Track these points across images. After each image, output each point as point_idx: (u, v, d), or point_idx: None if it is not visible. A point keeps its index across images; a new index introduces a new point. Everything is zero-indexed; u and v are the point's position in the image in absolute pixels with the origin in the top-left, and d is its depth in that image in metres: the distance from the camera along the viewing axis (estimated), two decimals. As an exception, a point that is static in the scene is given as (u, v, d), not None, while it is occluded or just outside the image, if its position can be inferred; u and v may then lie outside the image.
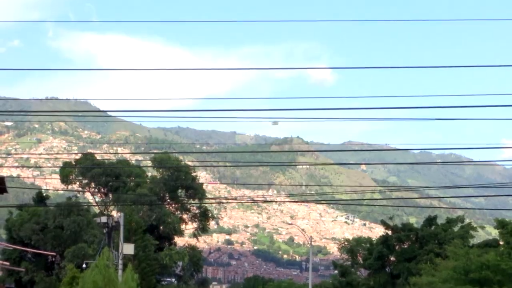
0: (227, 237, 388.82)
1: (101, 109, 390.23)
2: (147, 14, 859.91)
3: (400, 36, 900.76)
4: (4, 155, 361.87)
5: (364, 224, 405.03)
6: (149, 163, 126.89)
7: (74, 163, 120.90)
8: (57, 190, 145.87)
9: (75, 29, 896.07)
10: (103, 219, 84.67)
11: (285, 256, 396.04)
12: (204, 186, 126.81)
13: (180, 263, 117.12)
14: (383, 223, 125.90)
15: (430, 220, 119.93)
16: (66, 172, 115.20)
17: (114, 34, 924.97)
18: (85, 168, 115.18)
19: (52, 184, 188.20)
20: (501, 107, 42.43)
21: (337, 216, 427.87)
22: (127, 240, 79.29)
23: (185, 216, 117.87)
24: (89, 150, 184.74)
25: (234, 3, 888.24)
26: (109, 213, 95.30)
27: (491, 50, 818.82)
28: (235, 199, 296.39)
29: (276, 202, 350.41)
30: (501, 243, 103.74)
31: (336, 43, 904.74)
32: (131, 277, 54.48)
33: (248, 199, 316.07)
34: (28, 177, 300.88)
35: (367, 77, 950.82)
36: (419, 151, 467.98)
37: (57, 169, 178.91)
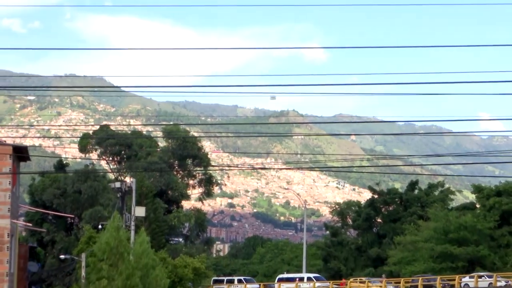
0: (229, 200, 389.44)
1: (115, 84, 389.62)
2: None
3: (387, 17, 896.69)
4: (27, 127, 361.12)
5: (354, 189, 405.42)
6: (159, 134, 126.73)
7: (91, 134, 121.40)
8: (76, 158, 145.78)
9: (90, 12, 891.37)
10: (117, 184, 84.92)
11: (282, 218, 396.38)
12: (208, 155, 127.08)
13: (187, 224, 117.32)
14: (371, 188, 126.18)
15: (413, 185, 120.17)
16: (84, 142, 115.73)
17: (126, 16, 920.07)
18: (101, 139, 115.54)
19: (70, 153, 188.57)
20: (478, 83, 42.67)
21: (329, 182, 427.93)
22: (138, 203, 79.37)
23: (191, 182, 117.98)
24: (104, 122, 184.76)
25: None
26: (122, 179, 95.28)
27: (483, 32, 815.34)
28: (237, 167, 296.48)
29: (273, 169, 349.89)
30: (477, 206, 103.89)
31: (327, 25, 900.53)
32: (143, 238, 54.42)
33: (248, 166, 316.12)
34: (49, 147, 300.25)
35: (356, 55, 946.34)
36: (403, 123, 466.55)
37: (76, 140, 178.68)
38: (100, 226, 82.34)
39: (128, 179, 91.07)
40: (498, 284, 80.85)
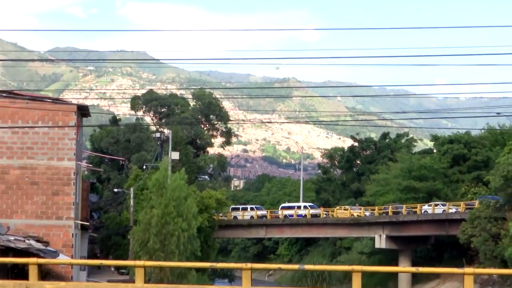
0: (244, 147, 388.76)
1: (155, 57, 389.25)
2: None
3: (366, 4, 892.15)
4: (88, 90, 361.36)
5: (339, 138, 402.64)
6: (189, 96, 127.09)
7: (139, 96, 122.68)
8: (126, 115, 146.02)
9: (136, 0, 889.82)
10: (158, 135, 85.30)
11: (284, 160, 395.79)
12: (227, 112, 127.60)
13: (211, 166, 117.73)
14: (352, 137, 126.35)
15: (385, 135, 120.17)
16: (134, 102, 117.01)
17: (161, 3, 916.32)
18: (146, 100, 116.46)
19: (122, 110, 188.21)
20: (436, 56, 43.02)
21: (320, 133, 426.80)
22: (174, 149, 79.45)
23: (214, 133, 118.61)
24: (147, 87, 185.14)
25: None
26: (162, 131, 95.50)
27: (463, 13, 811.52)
28: (249, 121, 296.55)
29: (278, 123, 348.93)
30: (434, 151, 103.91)
31: (319, 11, 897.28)
32: (180, 175, 54.69)
33: (258, 121, 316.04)
34: (104, 106, 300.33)
35: (341, 35, 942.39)
36: (378, 87, 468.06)
37: (125, 100, 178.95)
38: (144, 167, 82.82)
39: (166, 131, 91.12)
40: (450, 211, 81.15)
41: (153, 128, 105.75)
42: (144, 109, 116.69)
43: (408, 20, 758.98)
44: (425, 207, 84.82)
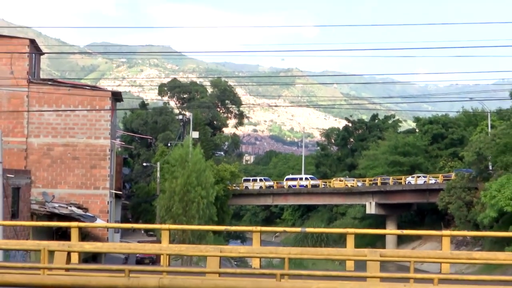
0: (254, 127, 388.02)
1: (178, 50, 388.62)
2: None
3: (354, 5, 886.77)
4: (120, 79, 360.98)
5: (335, 120, 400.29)
6: (208, 83, 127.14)
7: (165, 84, 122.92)
8: (153, 100, 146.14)
9: (160, 1, 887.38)
10: (180, 117, 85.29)
11: (288, 139, 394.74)
12: (240, 97, 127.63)
13: (226, 143, 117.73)
14: (346, 119, 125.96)
15: (374, 117, 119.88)
16: (160, 89, 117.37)
17: (182, 3, 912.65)
18: (171, 87, 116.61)
19: (149, 96, 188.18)
20: (418, 49, 42.64)
21: (319, 115, 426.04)
22: (194, 129, 79.41)
23: (229, 115, 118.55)
24: (171, 76, 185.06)
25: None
26: (184, 113, 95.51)
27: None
28: (258, 105, 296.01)
29: (283, 106, 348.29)
30: (417, 131, 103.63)
31: (316, 11, 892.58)
32: (199, 151, 54.68)
33: (266, 105, 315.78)
34: (135, 92, 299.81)
35: (336, 31, 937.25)
36: (368, 75, 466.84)
37: (153, 87, 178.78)
38: (169, 144, 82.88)
39: (187, 114, 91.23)
40: (430, 182, 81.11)
41: (176, 111, 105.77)
42: (168, 95, 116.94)
43: (395, 17, 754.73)
44: (409, 178, 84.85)
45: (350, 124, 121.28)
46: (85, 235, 44.00)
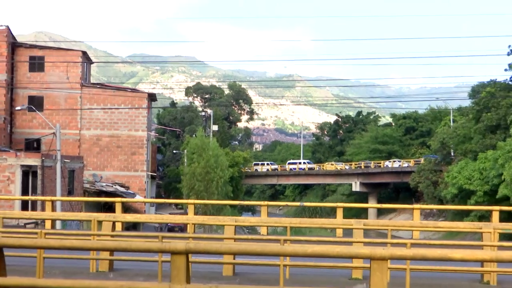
0: (262, 122, 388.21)
1: (201, 60, 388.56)
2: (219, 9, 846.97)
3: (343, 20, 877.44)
4: (155, 83, 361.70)
5: (328, 116, 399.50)
6: (225, 86, 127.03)
7: (191, 87, 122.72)
8: (181, 100, 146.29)
9: (186, 19, 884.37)
10: (203, 113, 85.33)
11: (290, 131, 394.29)
12: (251, 97, 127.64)
13: (240, 134, 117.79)
14: (337, 115, 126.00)
15: (359, 114, 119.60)
16: (187, 91, 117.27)
17: (204, 21, 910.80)
18: (195, 89, 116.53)
19: (178, 97, 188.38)
20: (394, 58, 42.34)
21: (314, 112, 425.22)
22: (214, 123, 79.57)
23: (242, 112, 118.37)
24: (196, 81, 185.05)
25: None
26: (206, 111, 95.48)
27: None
28: (266, 104, 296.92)
29: (285, 105, 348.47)
30: (393, 124, 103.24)
31: (311, 28, 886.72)
32: (215, 141, 54.81)
33: (272, 104, 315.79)
34: (166, 94, 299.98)
35: (327, 45, 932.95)
36: (354, 79, 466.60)
37: (180, 90, 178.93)
38: (194, 135, 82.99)
39: (208, 111, 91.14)
40: (404, 165, 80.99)
41: (199, 109, 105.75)
42: (193, 96, 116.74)
43: (378, 30, 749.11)
44: (387, 163, 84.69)
45: (339, 119, 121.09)
46: (126, 208, 44.14)
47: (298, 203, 42.34)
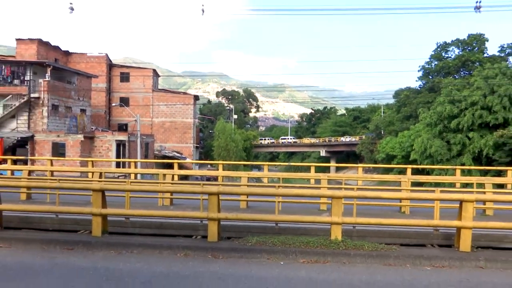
0: (265, 113, 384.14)
1: (226, 74, 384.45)
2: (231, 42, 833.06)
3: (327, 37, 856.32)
4: (198, 89, 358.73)
5: (306, 109, 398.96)
6: (241, 91, 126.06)
7: (220, 91, 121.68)
8: (214, 99, 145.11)
9: (215, 48, 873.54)
10: (228, 108, 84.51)
11: (282, 119, 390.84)
12: (257, 97, 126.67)
13: (250, 121, 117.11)
14: (312, 109, 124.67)
15: (325, 108, 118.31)
16: (217, 94, 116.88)
17: (226, 51, 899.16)
18: (222, 93, 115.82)
19: (212, 98, 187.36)
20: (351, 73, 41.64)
21: (298, 107, 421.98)
22: (234, 113, 78.94)
23: (251, 107, 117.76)
24: (222, 87, 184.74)
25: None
26: (230, 106, 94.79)
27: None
28: (267, 102, 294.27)
29: (279, 102, 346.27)
30: (346, 115, 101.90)
31: (296, 53, 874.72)
32: (231, 125, 54.65)
33: (271, 102, 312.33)
34: (205, 96, 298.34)
35: (308, 65, 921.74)
36: (322, 86, 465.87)
37: (213, 93, 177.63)
38: (223, 121, 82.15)
39: (231, 106, 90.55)
40: (353, 140, 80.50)
41: (225, 105, 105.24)
42: (221, 97, 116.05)
43: (336, 51, 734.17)
44: (342, 138, 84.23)
45: (313, 111, 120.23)
46: (180, 166, 44.35)
47: (286, 163, 42.47)
